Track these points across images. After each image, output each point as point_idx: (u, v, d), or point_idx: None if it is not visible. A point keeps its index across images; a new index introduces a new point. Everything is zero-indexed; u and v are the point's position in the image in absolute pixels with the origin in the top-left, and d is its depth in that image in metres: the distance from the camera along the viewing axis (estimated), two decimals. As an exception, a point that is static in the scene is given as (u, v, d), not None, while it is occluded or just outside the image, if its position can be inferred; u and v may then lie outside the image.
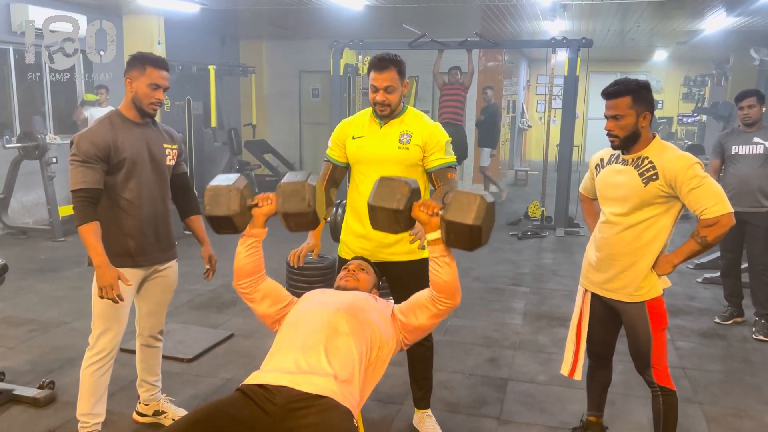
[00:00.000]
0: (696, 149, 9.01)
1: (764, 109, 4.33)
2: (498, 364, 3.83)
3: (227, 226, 2.22)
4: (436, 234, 2.10)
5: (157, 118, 2.82)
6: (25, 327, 4.28)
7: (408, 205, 2.10)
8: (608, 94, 2.37)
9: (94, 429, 2.74)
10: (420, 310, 2.20)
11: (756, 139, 4.23)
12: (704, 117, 12.69)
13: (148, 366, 2.99)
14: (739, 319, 4.56)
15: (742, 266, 4.57)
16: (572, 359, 2.69)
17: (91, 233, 2.47)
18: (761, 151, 4.20)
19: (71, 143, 2.55)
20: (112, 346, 2.70)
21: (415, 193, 2.13)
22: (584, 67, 7.56)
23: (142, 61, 2.58)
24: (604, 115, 2.41)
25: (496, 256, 6.51)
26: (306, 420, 1.81)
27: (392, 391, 3.36)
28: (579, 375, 2.70)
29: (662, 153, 2.37)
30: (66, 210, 7.47)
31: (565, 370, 2.72)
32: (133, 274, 2.66)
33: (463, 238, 2.03)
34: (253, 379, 1.97)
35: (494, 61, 10.61)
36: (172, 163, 2.80)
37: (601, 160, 2.59)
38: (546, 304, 5.01)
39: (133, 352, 3.83)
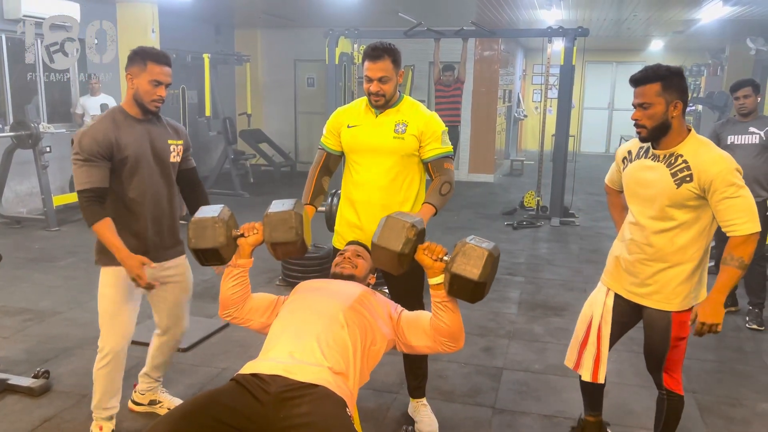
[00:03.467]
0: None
1: (759, 99, 4.33)
2: (493, 353, 3.84)
3: (213, 258, 2.19)
4: (439, 279, 2.07)
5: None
6: (20, 316, 4.27)
7: (413, 248, 2.06)
8: (636, 80, 2.21)
9: (108, 417, 2.75)
10: (423, 335, 2.18)
11: (752, 129, 4.22)
12: (700, 107, 12.69)
13: (158, 364, 2.95)
14: (733, 309, 4.58)
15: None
16: (594, 362, 2.51)
17: (106, 230, 2.43)
18: (757, 141, 4.20)
19: (72, 142, 2.50)
20: (120, 347, 2.67)
21: (420, 235, 2.09)
22: (580, 56, 7.54)
23: (142, 56, 2.50)
24: (632, 104, 2.24)
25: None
26: (299, 409, 1.81)
27: (387, 381, 3.37)
28: (603, 377, 2.53)
29: (699, 151, 2.18)
30: (60, 199, 7.44)
31: (587, 376, 2.53)
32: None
33: (466, 291, 2.00)
34: (248, 368, 1.97)
35: (490, 50, 10.57)
36: (178, 159, 2.72)
37: (629, 152, 2.39)
38: (541, 294, 5.02)
39: (134, 343, 3.84)
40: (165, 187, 2.66)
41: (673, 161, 2.20)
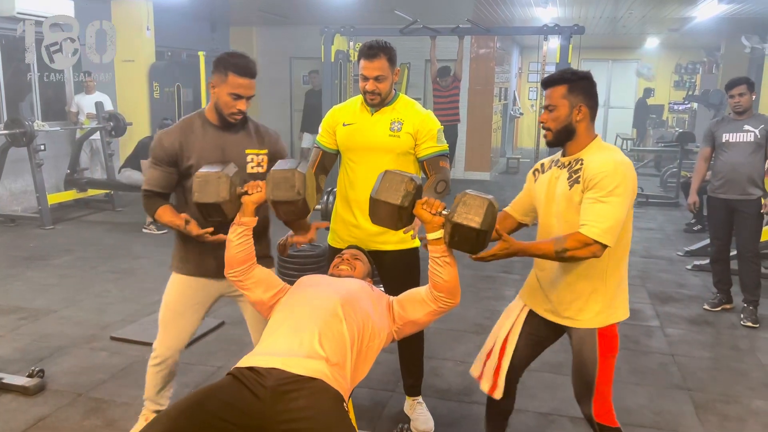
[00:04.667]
0: (687, 137, 9.04)
1: (754, 97, 4.34)
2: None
3: (216, 213, 2.20)
4: (438, 234, 2.07)
5: (147, 106, 2.73)
6: (14, 315, 4.26)
7: (411, 202, 2.07)
8: (544, 83, 2.17)
9: (156, 411, 2.68)
10: (420, 305, 2.18)
11: (746, 127, 4.24)
12: (695, 105, 12.72)
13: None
14: (728, 306, 4.60)
15: (731, 253, 4.60)
16: (493, 373, 2.35)
17: (165, 215, 2.42)
18: (751, 139, 4.22)
19: None
20: (170, 354, 2.59)
21: (418, 190, 2.10)
22: (576, 54, 7.54)
23: (225, 65, 2.34)
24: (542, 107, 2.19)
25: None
26: (296, 403, 1.81)
27: (383, 379, 3.37)
28: (500, 393, 2.34)
29: (595, 154, 2.09)
30: (55, 198, 7.42)
31: (485, 386, 2.37)
32: (205, 285, 2.53)
33: (468, 241, 2.00)
34: (245, 362, 1.96)
35: (486, 48, 10.56)
36: (260, 169, 2.49)
37: (542, 165, 2.30)
38: (537, 292, 5.02)
39: (123, 340, 3.84)
40: None
41: (572, 165, 2.12)
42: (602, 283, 2.14)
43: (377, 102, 2.64)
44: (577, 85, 2.11)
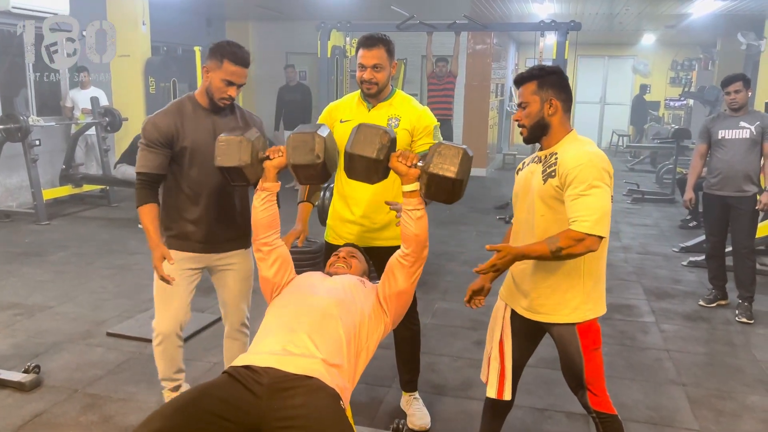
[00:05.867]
0: (682, 133, 9.06)
1: (750, 94, 4.35)
2: (485, 346, 3.84)
3: (238, 177, 2.23)
4: (413, 186, 2.10)
5: (143, 101, 2.76)
6: (10, 311, 4.25)
7: (386, 155, 2.08)
8: (516, 81, 2.17)
9: (174, 387, 2.81)
10: (396, 269, 2.20)
11: (742, 124, 4.24)
12: (691, 101, 12.75)
13: (231, 360, 2.89)
14: (723, 302, 4.61)
15: (727, 250, 4.61)
16: (498, 378, 2.36)
17: (145, 215, 2.50)
18: (747, 136, 4.22)
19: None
20: (170, 330, 2.69)
21: (393, 143, 2.11)
22: (572, 50, 7.53)
23: (221, 53, 2.47)
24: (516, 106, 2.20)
25: (484, 240, 6.52)
26: (293, 401, 1.81)
27: (380, 374, 3.37)
28: (509, 394, 2.35)
29: (569, 147, 2.08)
30: (50, 193, 7.39)
31: (491, 392, 2.36)
32: (192, 259, 2.65)
33: (444, 191, 2.02)
34: (241, 361, 1.97)
35: (483, 44, 10.56)
36: None
37: (523, 163, 2.29)
38: (533, 288, 5.02)
39: (119, 336, 3.84)
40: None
41: (547, 159, 2.12)
42: (579, 278, 2.13)
43: (374, 92, 2.63)
44: (546, 80, 2.11)
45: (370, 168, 2.08)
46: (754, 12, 9.07)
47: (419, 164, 2.07)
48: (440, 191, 2.03)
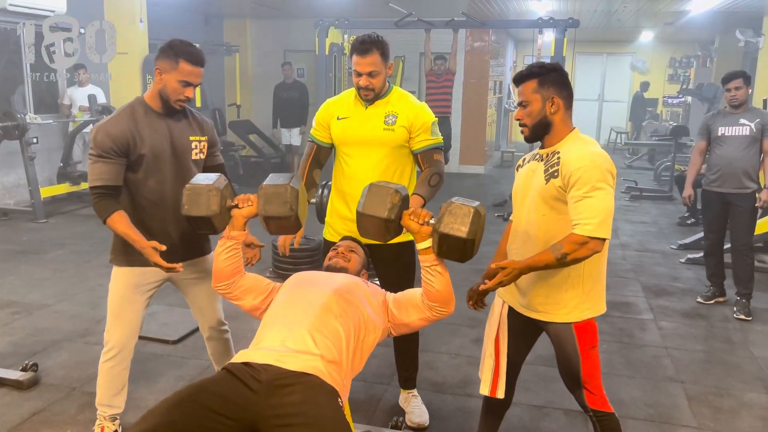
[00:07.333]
0: (680, 130, 9.06)
1: (750, 91, 4.34)
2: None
3: (205, 226, 2.16)
4: (427, 243, 2.07)
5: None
6: (8, 309, 4.24)
7: (398, 214, 2.06)
8: (515, 80, 2.13)
9: (110, 418, 2.67)
10: (414, 309, 2.19)
11: (742, 121, 4.24)
12: (689, 98, 12.74)
13: (219, 358, 2.83)
14: (721, 299, 4.62)
15: (725, 246, 4.61)
16: (492, 376, 2.34)
17: (119, 223, 2.31)
18: (747, 133, 4.22)
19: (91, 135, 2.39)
20: (123, 345, 2.55)
21: (405, 201, 2.09)
22: (571, 47, 7.53)
23: (176, 52, 2.33)
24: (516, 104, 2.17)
25: (483, 237, 6.52)
26: (291, 398, 1.80)
27: (378, 372, 3.37)
28: (502, 392, 2.33)
29: (572, 147, 2.05)
30: (48, 191, 7.38)
31: (484, 390, 2.34)
32: (156, 273, 2.49)
33: (456, 250, 2.00)
34: (239, 357, 1.96)
35: (481, 41, 10.55)
36: (202, 156, 2.54)
37: (524, 160, 2.27)
38: (531, 285, 5.03)
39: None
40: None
41: (549, 158, 2.09)
42: (579, 278, 2.11)
43: (371, 97, 2.63)
44: (547, 78, 2.08)
45: (381, 227, 2.06)
46: (752, 9, 9.07)
47: (431, 222, 2.05)
48: (452, 250, 2.01)
